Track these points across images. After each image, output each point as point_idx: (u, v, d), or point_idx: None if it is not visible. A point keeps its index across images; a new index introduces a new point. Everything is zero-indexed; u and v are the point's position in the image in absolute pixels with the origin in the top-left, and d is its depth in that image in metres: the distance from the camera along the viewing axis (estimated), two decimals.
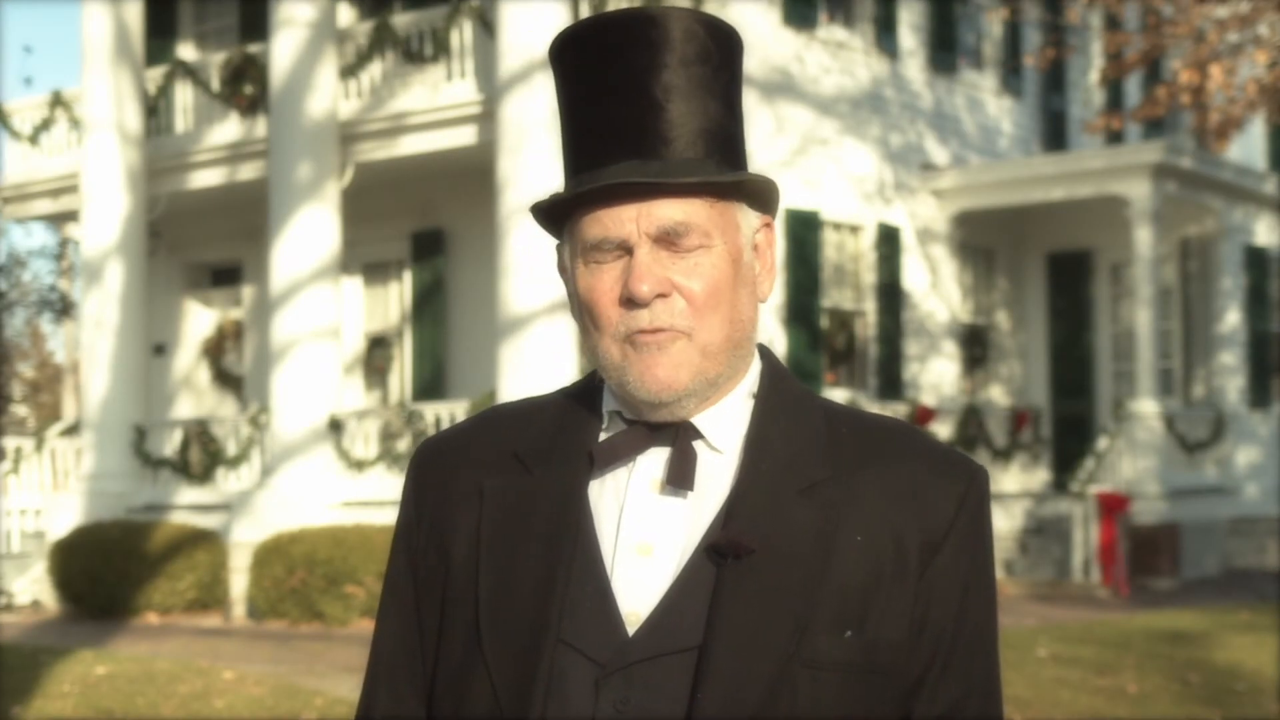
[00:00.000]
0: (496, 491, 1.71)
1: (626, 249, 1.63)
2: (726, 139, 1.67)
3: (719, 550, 1.61)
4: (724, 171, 1.65)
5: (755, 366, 1.73)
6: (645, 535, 1.65)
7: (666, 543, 1.64)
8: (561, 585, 1.63)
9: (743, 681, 1.58)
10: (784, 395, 1.72)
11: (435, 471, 1.77)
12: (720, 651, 1.58)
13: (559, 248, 1.73)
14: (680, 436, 1.66)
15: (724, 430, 1.68)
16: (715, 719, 1.57)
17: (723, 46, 1.69)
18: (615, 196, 1.63)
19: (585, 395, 1.75)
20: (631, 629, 1.62)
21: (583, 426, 1.72)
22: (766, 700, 1.58)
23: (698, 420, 1.67)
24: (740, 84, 1.72)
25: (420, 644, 1.74)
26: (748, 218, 1.69)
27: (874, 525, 1.64)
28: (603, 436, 1.71)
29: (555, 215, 1.70)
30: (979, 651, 1.69)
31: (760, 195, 1.71)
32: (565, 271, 1.71)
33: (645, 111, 1.63)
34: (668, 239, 1.63)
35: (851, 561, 1.62)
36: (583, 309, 1.67)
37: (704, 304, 1.63)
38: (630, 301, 1.62)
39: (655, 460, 1.67)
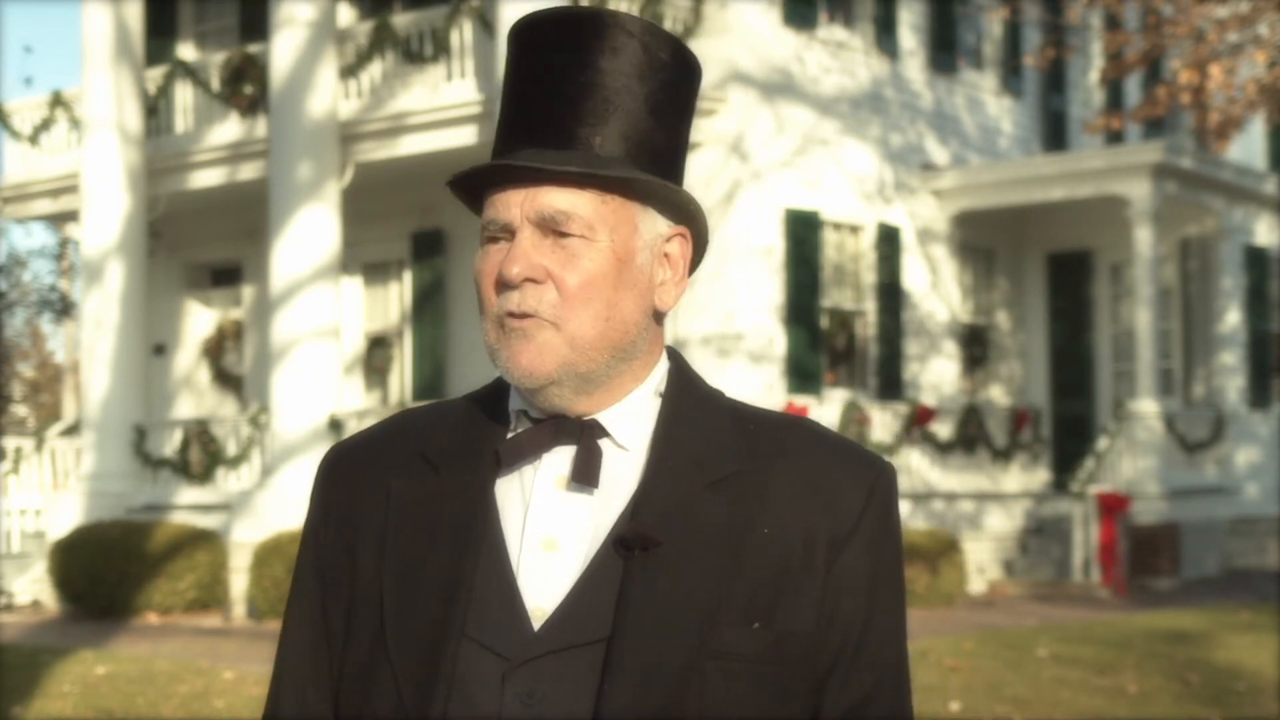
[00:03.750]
0: (403, 491, 1.70)
1: (511, 232, 1.64)
2: (652, 151, 1.66)
3: (625, 543, 1.61)
4: (637, 170, 1.65)
5: (662, 367, 1.73)
6: (551, 530, 1.64)
7: (572, 538, 1.64)
8: (466, 582, 1.63)
9: (651, 673, 1.58)
10: (691, 395, 1.72)
11: (342, 474, 1.77)
12: (628, 643, 1.58)
13: None
14: (585, 434, 1.66)
15: (630, 428, 1.68)
16: (623, 711, 1.57)
17: (679, 69, 1.69)
18: (508, 180, 1.64)
19: (493, 396, 1.75)
20: (537, 624, 1.61)
21: (489, 426, 1.72)
22: (675, 692, 1.58)
23: (602, 417, 1.67)
24: (687, 111, 1.72)
25: (327, 645, 1.73)
26: (652, 222, 1.67)
27: (782, 519, 1.64)
28: (509, 436, 1.71)
29: (477, 196, 1.71)
30: (887, 644, 1.68)
31: (674, 204, 1.69)
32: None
33: (564, 103, 1.64)
34: (549, 226, 1.62)
35: (760, 554, 1.63)
36: (475, 285, 1.69)
37: (574, 295, 1.62)
38: (503, 283, 1.63)
39: (561, 458, 1.67)
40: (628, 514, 1.64)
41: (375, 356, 18.56)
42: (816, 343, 16.99)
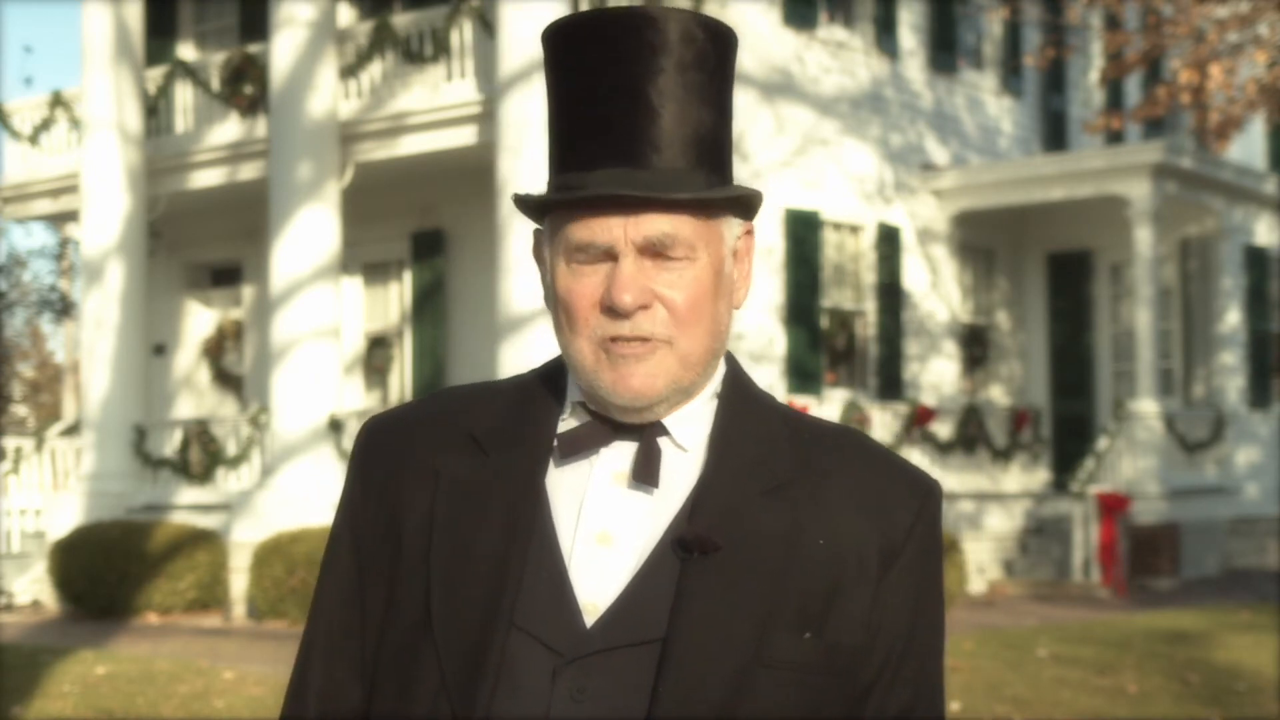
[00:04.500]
0: (452, 473, 1.69)
1: (611, 256, 1.63)
2: (716, 148, 1.67)
3: (684, 545, 1.61)
4: (711, 181, 1.65)
5: (721, 368, 1.74)
6: (606, 525, 1.64)
7: (628, 534, 1.64)
8: (516, 571, 1.62)
9: (705, 678, 1.58)
10: (746, 399, 1.73)
11: (383, 446, 1.75)
12: (683, 646, 1.58)
13: (537, 233, 1.74)
14: (646, 433, 1.67)
15: (689, 429, 1.68)
16: (675, 714, 1.57)
17: (719, 50, 1.68)
18: (604, 204, 1.62)
19: (548, 381, 1.75)
20: (589, 618, 1.61)
21: (542, 413, 1.71)
22: (727, 698, 1.58)
23: (664, 418, 1.68)
24: (732, 85, 1.72)
25: (361, 619, 1.71)
26: (731, 227, 1.69)
27: (836, 531, 1.66)
28: (564, 425, 1.70)
29: (538, 206, 1.70)
30: (928, 658, 1.71)
31: (745, 204, 1.71)
32: (542, 261, 1.72)
33: (638, 117, 1.62)
34: (653, 249, 1.62)
35: (813, 564, 1.64)
36: (559, 306, 1.67)
37: (686, 315, 1.63)
38: (611, 309, 1.62)
39: (618, 453, 1.67)
40: (685, 515, 1.64)
41: (375, 356, 18.56)
42: (816, 343, 16.98)
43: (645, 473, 1.65)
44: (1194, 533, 17.76)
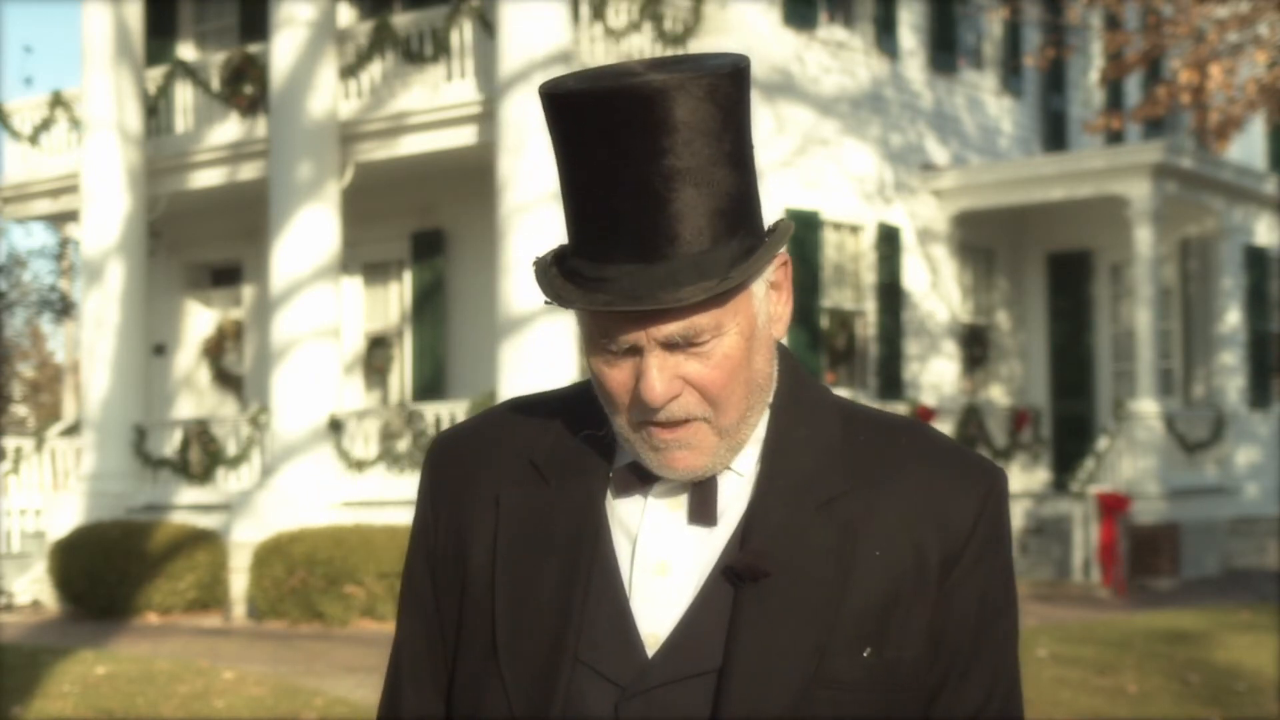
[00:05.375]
0: (514, 502, 1.69)
1: (636, 350, 1.59)
2: (739, 206, 1.57)
3: (735, 573, 1.60)
4: (737, 249, 1.56)
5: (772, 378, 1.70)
6: (663, 555, 1.63)
7: (683, 563, 1.63)
8: (579, 604, 1.62)
9: (762, 705, 1.57)
10: (800, 403, 1.69)
11: (451, 471, 1.75)
12: (739, 675, 1.57)
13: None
14: None
15: (744, 454, 1.66)
16: None
17: (731, 97, 1.56)
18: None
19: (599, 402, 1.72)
20: (650, 650, 1.60)
21: (602, 439, 1.69)
22: None
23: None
24: (749, 120, 1.61)
25: (442, 645, 1.73)
26: (761, 279, 1.62)
27: (893, 539, 1.62)
28: (620, 454, 1.68)
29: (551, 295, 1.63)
30: (998, 656, 1.67)
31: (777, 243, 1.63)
32: (581, 326, 1.65)
33: (646, 207, 1.53)
34: (676, 344, 1.58)
35: (870, 579, 1.61)
36: (596, 384, 1.64)
37: (719, 392, 1.59)
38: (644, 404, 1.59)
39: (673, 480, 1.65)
40: (737, 540, 1.62)
41: (375, 356, 18.55)
42: (816, 343, 16.99)
43: (702, 514, 1.63)
44: (1194, 533, 17.76)
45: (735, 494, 1.65)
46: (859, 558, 1.61)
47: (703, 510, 1.63)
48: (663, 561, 1.63)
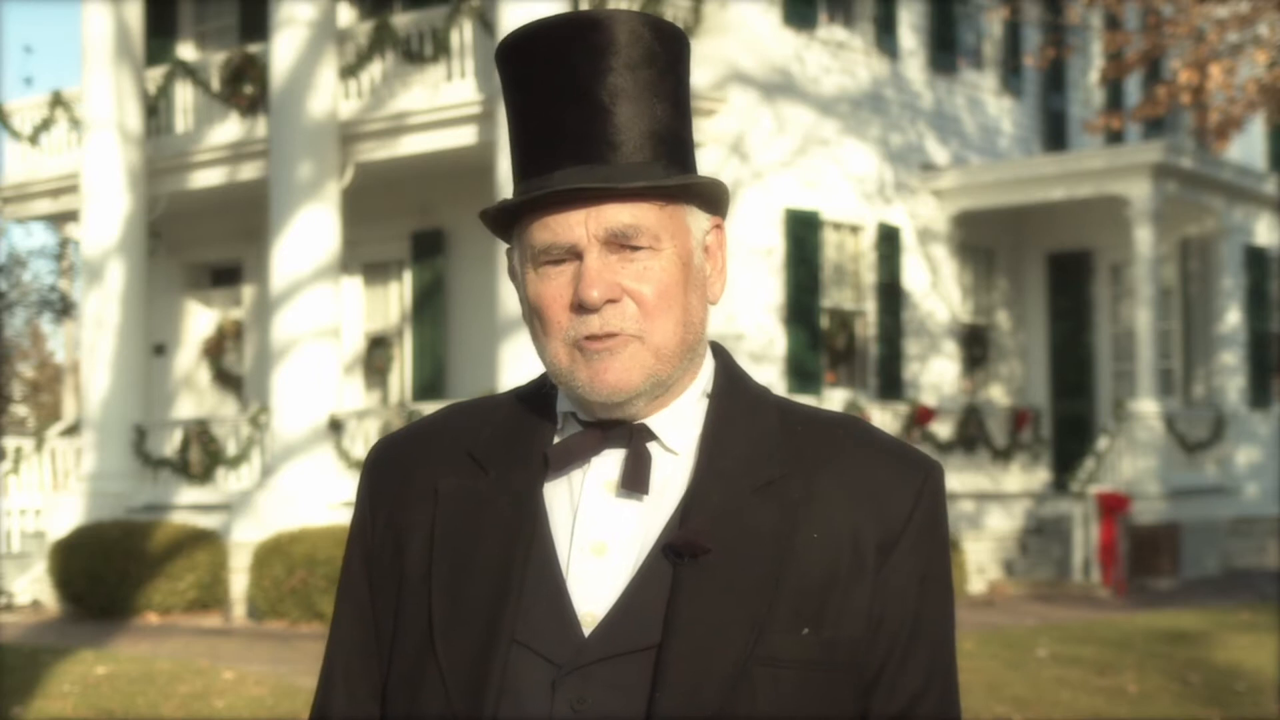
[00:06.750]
0: (451, 491, 1.70)
1: (576, 254, 1.63)
2: (674, 141, 1.67)
3: (675, 550, 1.61)
4: (672, 174, 1.65)
5: (709, 365, 1.73)
6: (600, 535, 1.65)
7: (621, 543, 1.64)
8: (516, 586, 1.63)
9: (701, 681, 1.58)
10: (738, 394, 1.72)
11: (389, 471, 1.77)
12: (678, 651, 1.58)
13: (509, 252, 1.73)
14: (634, 439, 1.67)
15: (678, 431, 1.68)
16: (674, 716, 1.57)
17: (669, 48, 1.68)
18: (564, 202, 1.62)
19: (538, 395, 1.76)
20: (587, 629, 1.62)
21: (537, 427, 1.72)
22: (725, 699, 1.58)
23: (651, 422, 1.68)
24: (687, 86, 1.72)
25: (376, 645, 1.73)
26: (698, 220, 1.69)
27: (831, 523, 1.65)
28: (557, 438, 1.71)
29: (505, 221, 1.70)
30: (936, 645, 1.69)
31: (709, 197, 1.70)
32: (515, 276, 1.71)
33: (592, 116, 1.63)
34: (617, 242, 1.62)
35: (809, 560, 1.63)
36: (532, 313, 1.68)
37: (655, 307, 1.63)
38: (581, 307, 1.62)
39: (610, 461, 1.67)
40: (676, 519, 1.64)
41: (375, 356, 18.56)
42: (817, 343, 16.99)
43: (634, 480, 1.65)
44: (1194, 533, 17.76)
45: (671, 474, 1.66)
46: (797, 538, 1.63)
47: (635, 478, 1.64)
48: (600, 542, 1.64)
